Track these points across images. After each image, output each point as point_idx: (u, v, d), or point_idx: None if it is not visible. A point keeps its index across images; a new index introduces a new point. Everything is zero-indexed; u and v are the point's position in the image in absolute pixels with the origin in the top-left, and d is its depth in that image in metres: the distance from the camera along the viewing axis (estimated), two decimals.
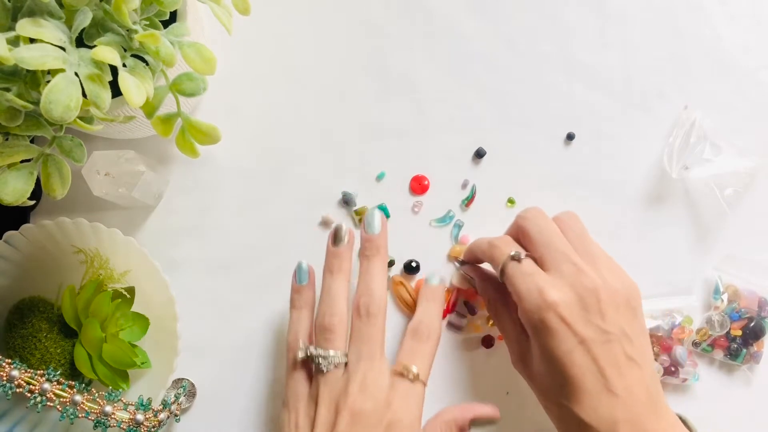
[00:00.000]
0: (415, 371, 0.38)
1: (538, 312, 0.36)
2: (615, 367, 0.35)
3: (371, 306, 0.39)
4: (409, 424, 0.37)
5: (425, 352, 0.40)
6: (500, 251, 0.40)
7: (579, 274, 0.37)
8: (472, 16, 0.50)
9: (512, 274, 0.38)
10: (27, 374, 0.39)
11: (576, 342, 0.36)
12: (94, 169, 0.42)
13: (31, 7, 0.31)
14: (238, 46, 0.48)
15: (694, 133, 0.47)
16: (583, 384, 0.35)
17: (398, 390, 0.38)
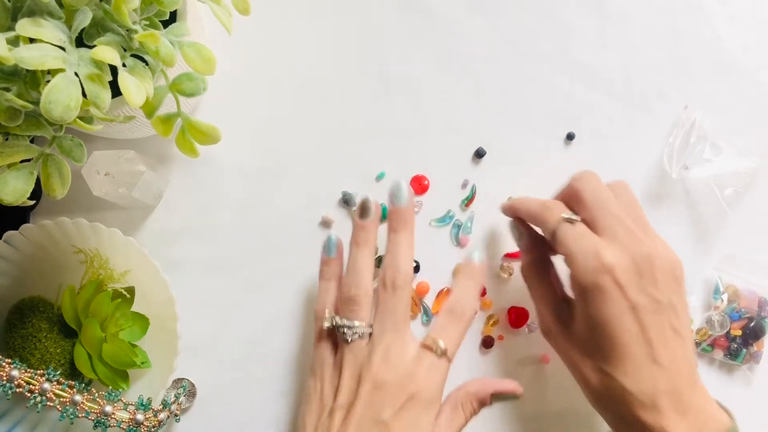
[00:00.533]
0: (443, 347, 0.38)
1: (594, 273, 0.36)
2: (662, 338, 0.36)
3: (397, 279, 0.39)
4: (430, 397, 0.37)
5: (456, 331, 0.39)
6: (552, 212, 0.39)
7: (634, 240, 0.37)
8: (472, 16, 0.50)
9: (565, 236, 0.38)
10: (27, 374, 0.39)
11: (627, 307, 0.35)
12: (94, 169, 0.42)
13: (31, 6, 0.31)
14: (238, 46, 0.48)
15: (694, 133, 0.47)
16: (630, 350, 0.35)
17: (423, 363, 0.38)
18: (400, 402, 0.37)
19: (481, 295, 0.47)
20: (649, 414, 0.35)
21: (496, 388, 0.40)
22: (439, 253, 0.47)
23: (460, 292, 0.41)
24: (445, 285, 0.47)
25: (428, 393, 0.37)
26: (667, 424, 0.35)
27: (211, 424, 0.45)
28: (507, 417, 0.46)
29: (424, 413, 0.37)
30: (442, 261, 0.47)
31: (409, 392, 0.37)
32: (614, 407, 0.37)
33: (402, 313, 0.39)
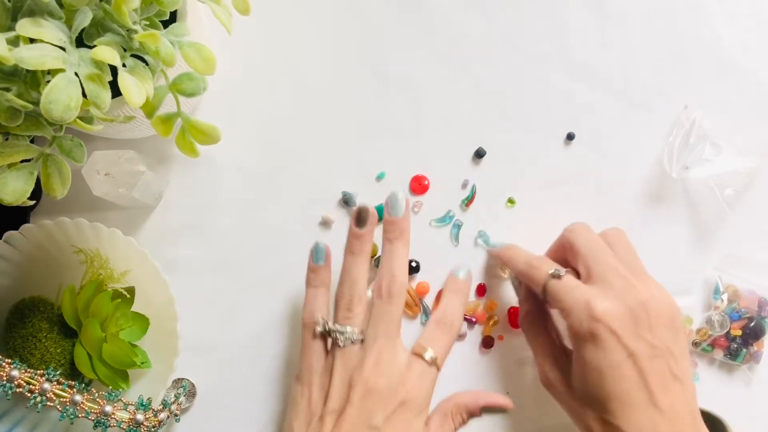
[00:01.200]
0: (433, 355, 0.39)
1: (588, 323, 0.36)
2: (661, 383, 0.35)
3: (393, 287, 0.40)
4: (421, 404, 0.38)
5: (445, 341, 0.40)
6: (539, 271, 0.40)
7: (629, 287, 0.37)
8: (472, 16, 0.50)
9: (555, 291, 0.39)
10: (27, 374, 0.39)
11: (625, 355, 0.35)
12: (94, 169, 0.42)
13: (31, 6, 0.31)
14: (238, 46, 0.48)
15: (694, 133, 0.47)
16: (630, 398, 0.35)
17: (414, 370, 0.38)
18: (392, 407, 0.37)
19: (481, 294, 0.47)
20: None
21: (486, 401, 0.41)
22: (439, 253, 0.47)
23: (447, 306, 0.42)
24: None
25: (419, 399, 0.38)
26: None
27: (211, 424, 0.45)
28: (507, 416, 0.46)
29: (414, 419, 0.38)
30: (442, 261, 0.47)
31: (401, 398, 0.37)
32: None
33: (395, 320, 0.39)
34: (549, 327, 0.43)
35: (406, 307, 0.46)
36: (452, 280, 0.43)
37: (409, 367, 0.38)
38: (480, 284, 0.47)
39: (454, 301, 0.42)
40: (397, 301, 0.40)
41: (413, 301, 0.46)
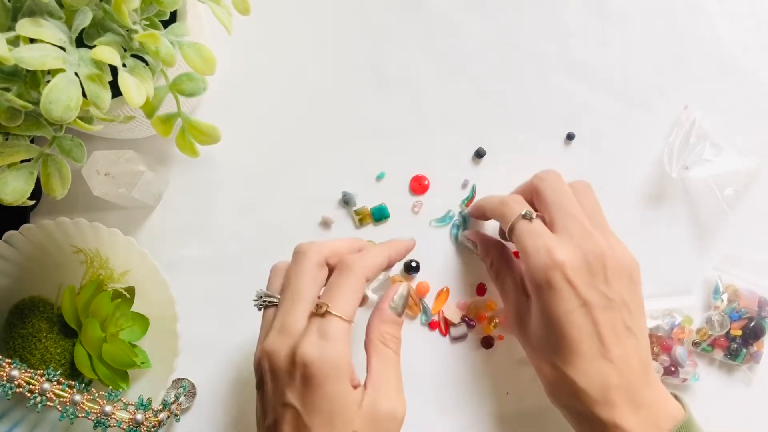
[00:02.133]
0: (326, 305, 0.34)
1: (544, 270, 0.37)
2: (613, 335, 0.36)
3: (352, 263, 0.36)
4: (321, 363, 0.33)
5: (340, 284, 0.36)
6: (511, 209, 0.40)
7: (588, 238, 0.37)
8: (472, 16, 0.50)
9: (521, 233, 0.39)
10: (27, 374, 0.39)
11: (578, 304, 0.36)
12: (94, 169, 0.42)
13: (31, 7, 0.31)
14: (238, 46, 0.48)
15: (694, 133, 0.47)
16: (580, 346, 0.36)
17: (309, 330, 0.34)
18: (296, 382, 0.33)
19: (481, 294, 0.47)
20: (602, 409, 0.35)
21: (386, 301, 0.38)
22: (439, 253, 0.47)
23: (356, 254, 0.38)
24: (445, 285, 0.47)
25: (316, 359, 0.33)
26: (620, 419, 0.35)
27: (211, 424, 0.45)
28: (507, 417, 0.46)
29: (328, 386, 0.33)
30: (442, 261, 0.47)
31: (299, 362, 0.33)
32: (568, 402, 0.37)
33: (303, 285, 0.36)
34: (515, 273, 0.43)
35: None
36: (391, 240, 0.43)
37: (306, 329, 0.34)
38: (480, 284, 0.47)
39: (371, 250, 0.39)
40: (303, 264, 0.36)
41: (413, 300, 0.46)
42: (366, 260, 0.37)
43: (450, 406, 0.46)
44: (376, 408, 0.34)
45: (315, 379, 0.33)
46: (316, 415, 0.33)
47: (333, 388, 0.33)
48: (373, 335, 0.37)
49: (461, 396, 0.46)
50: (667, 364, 0.45)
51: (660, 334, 0.45)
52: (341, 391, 0.34)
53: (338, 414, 0.33)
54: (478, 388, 0.46)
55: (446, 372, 0.46)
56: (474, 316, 0.46)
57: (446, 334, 0.47)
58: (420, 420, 0.45)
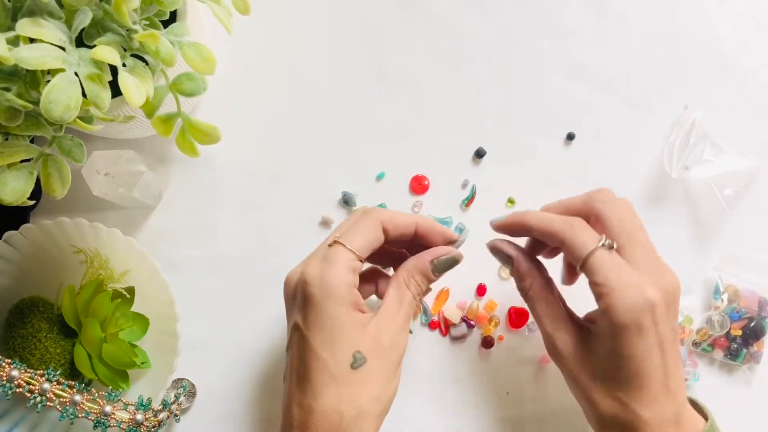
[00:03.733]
0: (335, 237, 0.37)
1: (636, 312, 0.34)
2: (674, 367, 0.35)
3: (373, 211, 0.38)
4: (319, 283, 0.35)
5: (356, 222, 0.38)
6: (587, 235, 0.36)
7: (663, 273, 0.36)
8: (472, 16, 0.50)
9: (603, 266, 0.35)
10: (27, 374, 0.39)
11: (655, 342, 0.35)
12: (94, 169, 0.42)
13: (31, 6, 0.31)
14: (238, 45, 0.48)
15: (694, 133, 0.47)
16: (650, 380, 0.35)
17: (316, 254, 0.37)
18: (299, 301, 0.36)
19: (481, 294, 0.47)
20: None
21: (433, 255, 0.39)
22: None
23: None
24: (445, 285, 0.47)
25: (315, 278, 0.35)
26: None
27: (211, 424, 0.45)
28: (507, 417, 0.46)
29: (328, 305, 0.35)
30: None
31: (302, 291, 0.36)
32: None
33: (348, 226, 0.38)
34: (556, 295, 0.40)
35: None
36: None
37: (310, 257, 0.37)
38: (480, 284, 0.47)
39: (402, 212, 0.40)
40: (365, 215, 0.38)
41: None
42: (390, 212, 0.38)
43: (450, 406, 0.46)
44: (380, 334, 0.36)
45: (314, 297, 0.35)
46: (317, 332, 0.35)
47: (333, 308, 0.35)
48: (400, 274, 0.38)
49: (461, 396, 0.46)
50: None
51: None
52: (341, 312, 0.35)
53: (340, 333, 0.35)
54: (478, 388, 0.46)
55: (446, 372, 0.46)
56: (474, 316, 0.46)
57: (446, 334, 0.47)
58: (420, 420, 0.45)
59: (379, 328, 0.36)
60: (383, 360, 0.36)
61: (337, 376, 0.34)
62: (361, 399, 0.35)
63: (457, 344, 0.46)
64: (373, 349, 0.35)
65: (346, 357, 0.35)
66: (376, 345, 0.35)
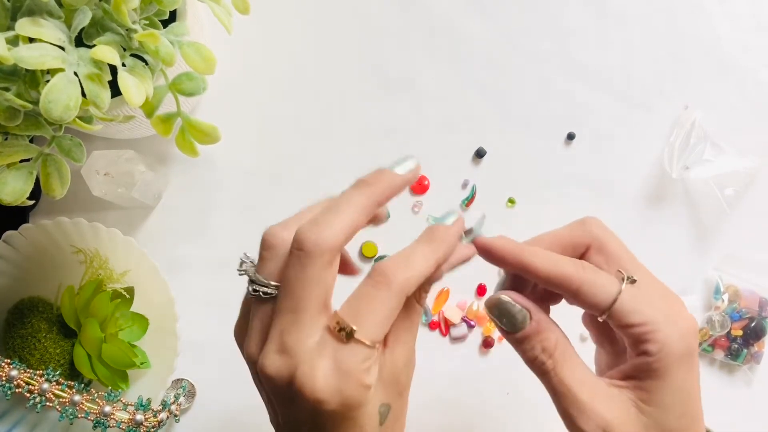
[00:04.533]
0: (350, 327, 0.27)
1: (688, 338, 0.29)
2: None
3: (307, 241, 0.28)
4: (339, 403, 0.26)
5: (373, 301, 0.27)
6: (606, 278, 0.30)
7: (680, 303, 0.31)
8: (472, 16, 0.50)
9: (635, 305, 0.29)
10: (26, 374, 0.39)
11: (696, 371, 0.30)
12: (94, 169, 0.42)
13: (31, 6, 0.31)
14: (238, 45, 0.48)
15: (694, 133, 0.47)
16: (698, 412, 0.31)
17: (323, 354, 0.27)
18: (305, 417, 0.27)
19: (481, 294, 0.47)
20: None
21: (452, 264, 0.31)
22: None
23: (397, 256, 0.29)
24: (445, 285, 0.47)
25: (332, 397, 0.26)
26: None
27: (210, 425, 0.45)
28: (507, 416, 0.45)
29: (348, 428, 0.28)
30: None
31: (313, 408, 0.27)
32: None
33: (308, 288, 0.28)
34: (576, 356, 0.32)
35: None
36: (431, 227, 0.32)
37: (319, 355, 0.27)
38: (480, 284, 0.47)
39: (414, 250, 0.30)
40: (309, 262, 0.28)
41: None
42: (411, 271, 0.28)
43: (450, 406, 0.46)
44: (397, 369, 0.30)
45: (331, 422, 0.27)
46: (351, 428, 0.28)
47: (362, 413, 0.27)
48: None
49: (461, 396, 0.46)
50: None
51: None
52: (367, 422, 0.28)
53: (366, 418, 0.28)
54: (478, 388, 0.46)
55: (446, 372, 0.46)
56: (474, 316, 0.46)
57: (446, 335, 0.47)
58: (420, 420, 0.45)
59: (396, 365, 0.30)
60: (406, 393, 0.30)
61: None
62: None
63: (457, 344, 0.46)
64: (395, 390, 0.29)
65: (374, 422, 0.28)
66: (395, 384, 0.29)
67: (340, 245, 0.29)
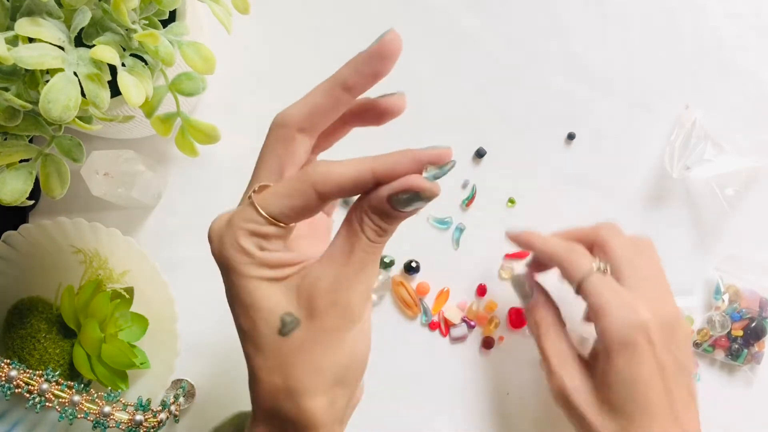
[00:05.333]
0: (251, 192, 0.30)
1: (629, 329, 0.35)
2: (683, 401, 0.35)
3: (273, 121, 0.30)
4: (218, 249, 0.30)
5: (286, 181, 0.29)
6: (585, 259, 0.38)
7: (664, 301, 0.37)
8: (472, 16, 0.50)
9: (598, 287, 0.36)
10: (26, 374, 0.39)
11: (657, 367, 0.35)
12: (93, 169, 0.42)
13: (30, 6, 0.31)
14: (238, 45, 0.48)
15: (694, 133, 0.47)
16: (657, 412, 0.35)
17: (231, 211, 0.31)
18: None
19: (481, 294, 0.47)
20: None
21: (392, 189, 0.28)
22: (439, 253, 0.47)
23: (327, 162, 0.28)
24: (445, 285, 0.47)
25: (217, 245, 0.30)
26: None
27: (210, 425, 0.45)
28: (507, 416, 0.45)
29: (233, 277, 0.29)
30: (442, 261, 0.47)
31: (211, 250, 0.30)
32: None
33: (260, 158, 0.31)
34: (565, 331, 0.40)
35: (405, 308, 0.46)
36: None
37: (231, 211, 0.31)
38: (480, 285, 0.47)
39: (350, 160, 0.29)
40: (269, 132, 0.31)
41: (413, 301, 0.46)
42: (334, 167, 0.28)
43: (450, 406, 0.46)
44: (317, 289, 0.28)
45: (217, 262, 0.30)
46: (234, 300, 0.29)
47: (239, 280, 0.28)
48: (352, 213, 0.29)
49: (461, 396, 0.46)
50: None
51: None
52: (248, 284, 0.28)
53: (251, 299, 0.28)
54: (479, 389, 0.46)
55: (446, 373, 0.46)
56: (474, 316, 0.46)
57: (446, 335, 0.47)
58: (420, 420, 0.45)
59: (317, 282, 0.28)
60: (323, 321, 0.28)
61: (263, 345, 0.29)
62: (296, 370, 0.28)
63: (457, 345, 0.46)
64: (308, 308, 0.28)
65: (272, 323, 0.28)
66: (309, 301, 0.28)
67: (296, 120, 0.30)
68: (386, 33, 0.30)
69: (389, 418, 0.46)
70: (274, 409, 0.29)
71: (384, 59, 0.31)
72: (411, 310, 0.46)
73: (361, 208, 0.28)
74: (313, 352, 0.28)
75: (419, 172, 0.29)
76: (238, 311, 0.30)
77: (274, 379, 0.29)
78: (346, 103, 0.31)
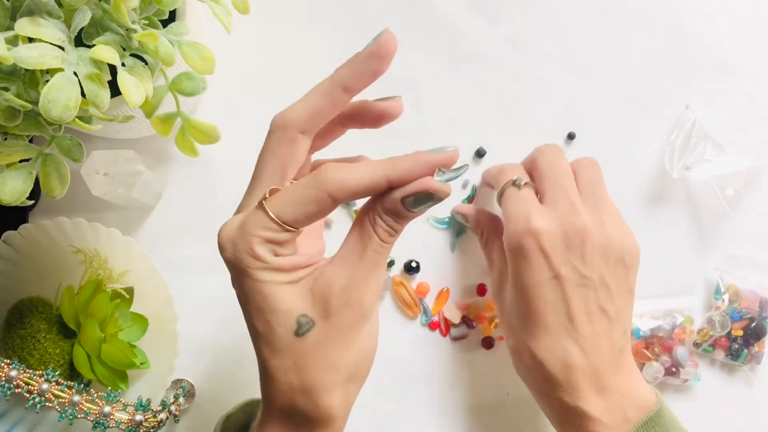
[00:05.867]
0: (264, 196, 0.30)
1: (520, 236, 0.36)
2: (583, 314, 0.35)
3: (272, 122, 0.31)
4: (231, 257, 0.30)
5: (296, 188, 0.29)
6: (505, 175, 0.40)
7: (572, 213, 0.36)
8: (472, 16, 0.50)
9: (507, 198, 0.38)
10: (26, 374, 0.39)
11: (549, 276, 0.35)
12: (93, 169, 0.42)
13: (30, 6, 0.31)
14: (238, 45, 0.48)
15: (695, 133, 0.47)
16: (545, 320, 0.35)
17: (239, 215, 0.32)
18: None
19: (482, 294, 0.47)
20: (564, 391, 0.35)
21: (405, 192, 0.29)
22: (439, 253, 0.47)
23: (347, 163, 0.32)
24: (445, 285, 0.47)
25: (231, 251, 0.30)
26: (583, 403, 0.34)
27: (210, 425, 0.45)
28: (507, 416, 0.45)
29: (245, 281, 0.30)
30: (442, 261, 0.47)
31: (222, 256, 0.30)
32: (530, 377, 0.37)
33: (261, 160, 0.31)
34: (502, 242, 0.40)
35: (405, 308, 0.46)
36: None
37: (238, 215, 0.32)
38: (480, 284, 0.47)
39: (366, 160, 0.34)
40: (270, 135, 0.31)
41: (413, 301, 0.46)
42: (348, 174, 0.28)
43: (450, 406, 0.46)
44: (331, 290, 0.29)
45: (229, 267, 0.30)
46: (245, 303, 0.31)
47: (253, 285, 0.29)
48: (364, 214, 0.30)
49: (461, 397, 0.46)
50: (668, 364, 0.45)
51: (661, 334, 0.45)
52: (263, 288, 0.29)
53: (267, 303, 0.29)
54: (479, 389, 0.46)
55: (446, 373, 0.46)
56: (474, 316, 0.46)
57: (446, 335, 0.47)
58: (420, 420, 0.45)
59: (330, 283, 0.29)
60: (337, 320, 0.29)
61: (279, 346, 0.29)
62: (313, 369, 0.29)
63: (457, 344, 0.46)
64: (323, 309, 0.29)
65: (287, 325, 0.29)
66: (323, 302, 0.29)
67: (298, 122, 0.30)
68: (382, 33, 0.31)
69: (389, 418, 0.46)
70: (290, 407, 0.30)
71: (382, 59, 0.32)
72: (411, 310, 0.46)
73: (374, 210, 0.30)
74: (328, 350, 0.29)
75: (431, 174, 0.30)
76: (252, 314, 0.30)
77: (291, 379, 0.30)
78: (344, 104, 0.32)
